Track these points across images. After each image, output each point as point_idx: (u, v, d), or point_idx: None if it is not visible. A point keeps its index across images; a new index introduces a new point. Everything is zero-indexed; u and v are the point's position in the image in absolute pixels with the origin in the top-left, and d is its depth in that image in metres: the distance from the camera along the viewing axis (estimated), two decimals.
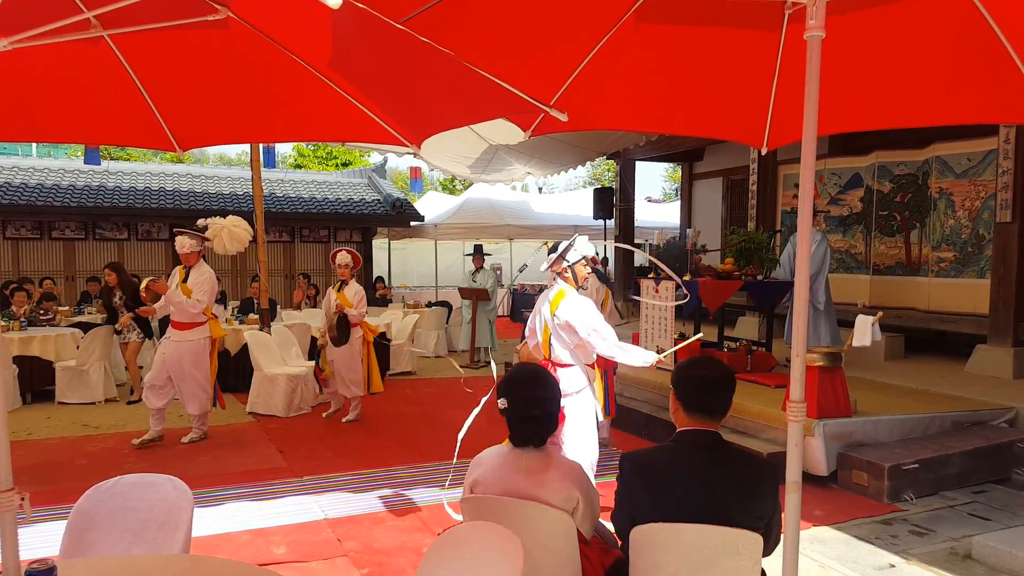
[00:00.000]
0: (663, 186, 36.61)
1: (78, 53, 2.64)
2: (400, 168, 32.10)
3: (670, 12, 2.65)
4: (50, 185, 14.63)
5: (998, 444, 5.64)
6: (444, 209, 18.79)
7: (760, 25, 2.73)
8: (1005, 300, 7.57)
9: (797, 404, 2.44)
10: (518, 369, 2.80)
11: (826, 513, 4.89)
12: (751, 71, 2.92)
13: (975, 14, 2.42)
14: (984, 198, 8.04)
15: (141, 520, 2.62)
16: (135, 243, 14.78)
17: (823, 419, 5.45)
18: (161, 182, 16.25)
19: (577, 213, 18.58)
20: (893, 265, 9.28)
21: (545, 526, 2.47)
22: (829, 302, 8.11)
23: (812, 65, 2.31)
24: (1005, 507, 5.05)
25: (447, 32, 2.34)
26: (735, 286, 7.64)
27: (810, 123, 2.34)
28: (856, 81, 2.88)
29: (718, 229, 12.60)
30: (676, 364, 2.64)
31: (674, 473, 2.40)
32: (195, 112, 3.12)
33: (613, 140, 11.61)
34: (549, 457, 2.64)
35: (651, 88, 3.08)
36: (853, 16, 2.58)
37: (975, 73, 2.68)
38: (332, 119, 3.05)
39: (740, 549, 2.24)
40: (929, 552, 4.29)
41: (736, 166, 12.01)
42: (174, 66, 2.84)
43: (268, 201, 14.56)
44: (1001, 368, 7.47)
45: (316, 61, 2.68)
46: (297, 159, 33.57)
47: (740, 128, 3.26)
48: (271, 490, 5.33)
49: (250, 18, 2.49)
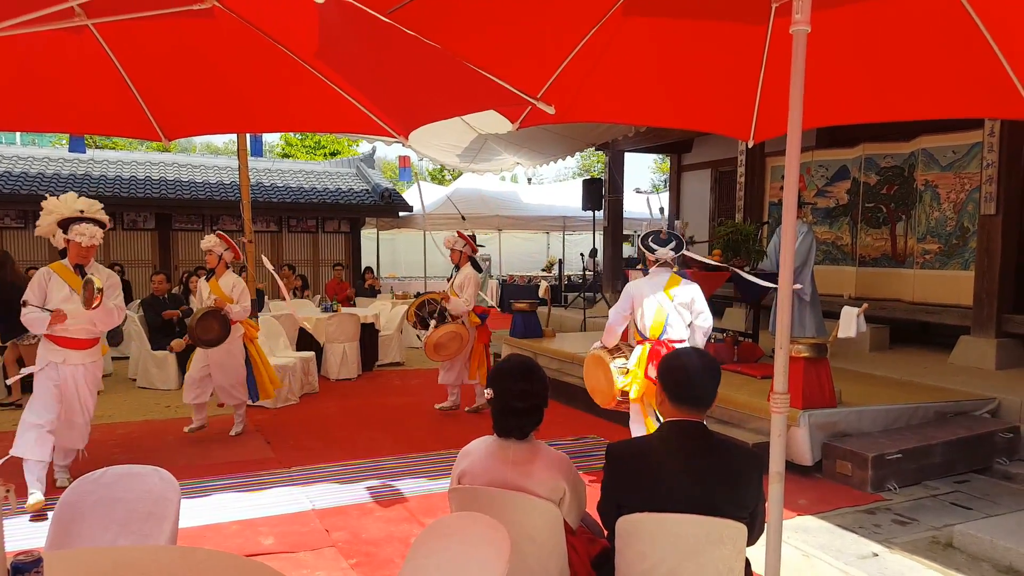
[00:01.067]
0: (652, 177, 36.64)
1: (62, 42, 2.62)
2: (389, 158, 32.02)
3: (657, 5, 2.66)
4: (34, 174, 14.49)
5: (980, 434, 5.70)
6: (433, 199, 18.75)
7: (747, 19, 2.74)
8: (988, 292, 7.64)
9: (781, 396, 2.47)
10: (507, 361, 2.81)
11: (810, 502, 4.94)
12: (738, 64, 2.93)
13: (959, 10, 2.44)
14: (969, 191, 8.10)
15: (128, 511, 2.61)
16: (121, 233, 14.67)
17: (808, 409, 5.49)
18: (147, 171, 16.13)
19: (566, 204, 18.60)
20: (879, 257, 9.34)
21: (532, 516, 2.48)
22: (815, 294, 8.16)
23: (798, 59, 2.32)
24: (986, 496, 5.11)
25: (434, 24, 2.33)
26: (723, 277, 7.68)
27: (795, 117, 2.36)
28: (842, 75, 2.90)
29: (706, 220, 12.64)
30: (664, 356, 2.65)
31: (660, 463, 2.42)
32: (181, 102, 3.11)
33: (602, 131, 11.61)
34: (536, 448, 2.65)
35: (638, 81, 3.09)
36: (839, 10, 2.60)
37: (959, 68, 2.70)
38: (319, 109, 3.04)
39: (725, 539, 2.27)
40: (912, 541, 4.35)
41: (724, 158, 12.04)
42: (160, 55, 2.83)
43: (255, 191, 14.48)
44: (984, 359, 7.55)
45: (303, 51, 2.67)
46: (285, 148, 33.37)
47: (727, 121, 3.27)
48: (259, 481, 5.33)
49: (236, 8, 2.49)
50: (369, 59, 2.52)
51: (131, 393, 8.47)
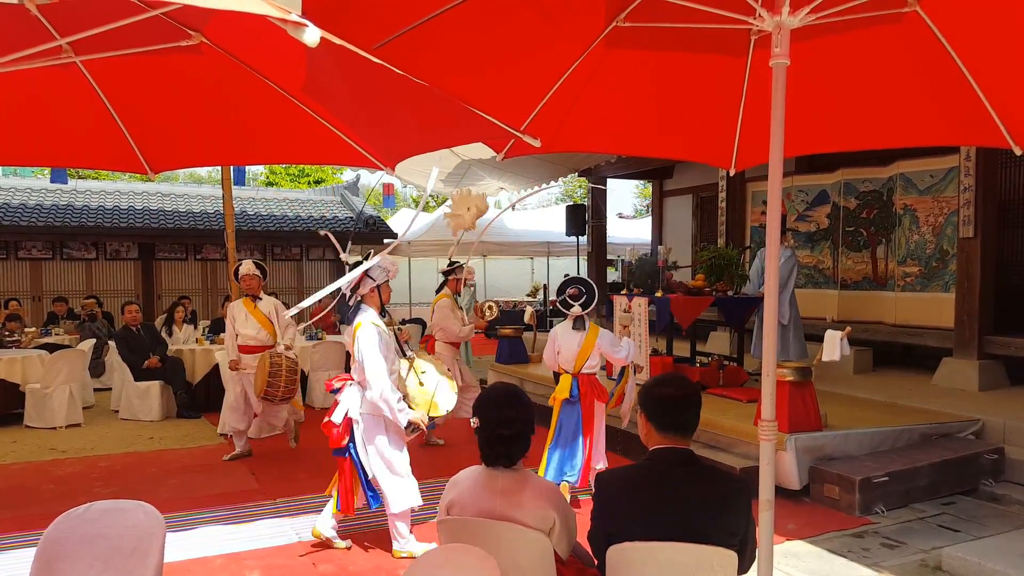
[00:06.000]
0: (634, 203, 36.86)
1: (49, 77, 2.63)
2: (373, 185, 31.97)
3: (639, 38, 2.71)
4: (16, 204, 14.40)
5: (965, 456, 5.73)
6: (417, 226, 18.78)
7: (727, 51, 2.79)
8: (969, 314, 7.73)
9: (769, 423, 2.48)
10: (491, 388, 2.81)
11: (799, 527, 4.94)
12: (718, 95, 2.98)
13: (934, 41, 2.50)
14: (947, 214, 8.22)
15: (111, 548, 2.57)
16: (104, 263, 14.59)
17: (795, 433, 5.51)
18: (130, 201, 16.08)
19: (550, 229, 18.66)
20: (860, 280, 9.43)
21: (521, 547, 2.47)
22: (796, 318, 8.21)
23: (777, 91, 2.37)
24: (973, 518, 5.13)
25: (419, 58, 2.36)
26: (706, 302, 7.73)
27: (776, 147, 2.40)
28: (821, 105, 2.95)
29: (689, 245, 12.72)
30: (643, 385, 2.64)
31: (649, 491, 2.42)
32: (167, 135, 3.12)
33: (583, 157, 11.70)
34: (525, 478, 2.65)
35: (621, 111, 3.14)
36: (817, 42, 2.66)
37: (935, 98, 2.76)
38: (305, 142, 3.06)
39: (715, 566, 2.27)
40: (900, 564, 4.35)
41: (705, 183, 12.15)
42: (146, 90, 2.84)
43: (239, 219, 14.45)
44: (967, 380, 7.61)
45: (289, 85, 2.69)
46: (269, 176, 33.31)
47: (708, 150, 3.32)
48: (244, 513, 5.26)
49: (223, 44, 2.51)
50: (355, 92, 2.54)
51: (114, 425, 8.37)
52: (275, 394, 6.33)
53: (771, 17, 2.38)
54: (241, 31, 2.47)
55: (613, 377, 6.63)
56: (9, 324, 9.60)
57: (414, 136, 2.81)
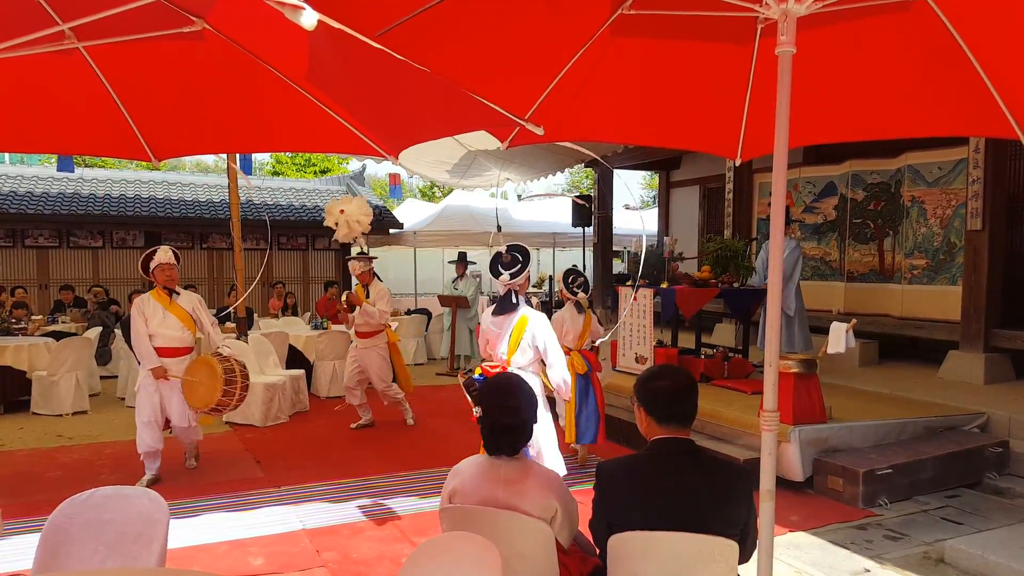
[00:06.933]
0: (641, 194, 36.76)
1: (52, 64, 2.63)
2: (379, 175, 31.97)
3: (644, 26, 2.69)
4: (23, 192, 14.43)
5: (970, 449, 5.73)
6: (423, 216, 18.77)
7: (733, 39, 2.77)
8: (976, 307, 7.70)
9: (771, 414, 2.48)
10: (493, 378, 2.81)
11: (802, 518, 4.94)
12: (724, 84, 2.96)
13: (942, 30, 2.48)
14: (955, 206, 8.17)
15: (116, 533, 2.59)
16: (110, 251, 14.61)
17: (799, 425, 5.50)
18: (136, 189, 16.09)
19: (556, 220, 18.62)
20: (867, 272, 9.40)
21: (523, 535, 2.48)
22: (801, 309, 8.19)
23: (783, 80, 2.35)
24: (977, 511, 5.12)
25: (422, 45, 2.35)
26: (711, 293, 7.72)
27: (781, 136, 2.38)
28: (827, 94, 2.93)
29: (695, 237, 12.69)
30: (639, 379, 2.60)
31: (651, 481, 2.42)
32: (170, 122, 3.12)
33: (590, 148, 11.67)
34: (527, 466, 2.65)
35: (626, 100, 3.12)
36: (824, 30, 2.63)
37: (943, 87, 2.74)
38: (309, 130, 3.05)
39: (716, 556, 2.27)
40: (903, 556, 4.35)
41: (712, 174, 12.11)
42: (149, 77, 2.84)
43: (245, 209, 14.45)
44: (973, 374, 7.59)
45: (292, 72, 2.68)
46: (275, 166, 33.33)
47: (714, 140, 3.30)
48: (248, 501, 5.28)
49: (226, 30, 2.50)
50: (358, 80, 2.53)
51: (120, 412, 8.40)
52: (228, 403, 5.51)
53: (777, 5, 2.36)
54: (244, 17, 2.46)
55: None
56: (16, 312, 9.64)
57: (418, 124, 2.80)
